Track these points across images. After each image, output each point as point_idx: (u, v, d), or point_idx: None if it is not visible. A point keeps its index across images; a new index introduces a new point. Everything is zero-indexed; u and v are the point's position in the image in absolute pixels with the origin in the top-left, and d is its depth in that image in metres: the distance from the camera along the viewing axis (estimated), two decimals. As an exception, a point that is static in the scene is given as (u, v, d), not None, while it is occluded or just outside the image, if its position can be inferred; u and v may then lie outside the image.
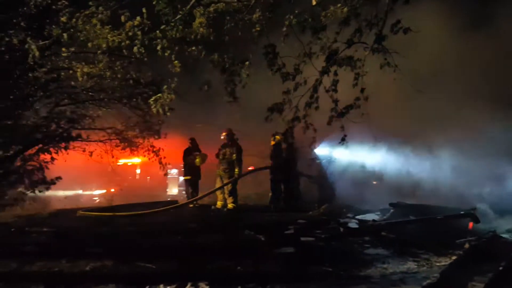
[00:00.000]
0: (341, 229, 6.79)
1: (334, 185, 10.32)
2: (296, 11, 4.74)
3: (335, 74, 4.94)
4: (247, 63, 5.00)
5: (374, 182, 11.11)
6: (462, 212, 6.96)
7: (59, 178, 7.12)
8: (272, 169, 10.32)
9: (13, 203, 6.94)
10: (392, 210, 8.06)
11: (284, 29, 4.79)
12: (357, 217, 7.86)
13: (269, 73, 4.83)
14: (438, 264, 5.11)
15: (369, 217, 7.72)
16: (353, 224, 7.20)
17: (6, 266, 4.96)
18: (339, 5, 4.35)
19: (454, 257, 5.27)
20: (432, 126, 9.80)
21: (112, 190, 14.73)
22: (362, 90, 4.88)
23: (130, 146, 9.31)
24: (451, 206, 7.85)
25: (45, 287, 4.18)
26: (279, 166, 10.00)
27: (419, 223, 6.95)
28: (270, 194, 10.47)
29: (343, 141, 4.99)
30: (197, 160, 10.31)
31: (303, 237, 6.35)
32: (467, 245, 5.64)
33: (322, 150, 10.64)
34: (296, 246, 5.84)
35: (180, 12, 4.84)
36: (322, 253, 5.68)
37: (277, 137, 10.02)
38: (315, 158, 10.65)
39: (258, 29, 4.83)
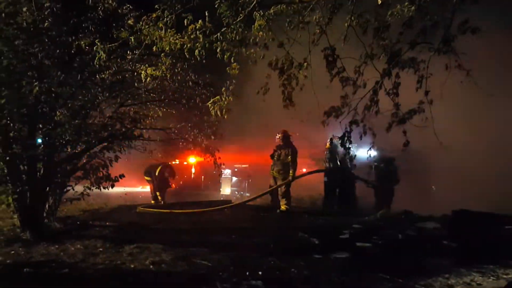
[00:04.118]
0: (400, 236, 6.56)
1: (392, 190, 10.00)
2: (358, 12, 4.67)
3: (397, 76, 4.80)
4: (305, 64, 4.98)
5: (433, 187, 10.67)
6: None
7: (122, 175, 7.46)
8: (326, 173, 10.20)
9: (79, 198, 7.36)
10: (454, 218, 7.65)
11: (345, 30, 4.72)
12: (417, 224, 7.55)
13: (329, 77, 4.76)
14: (505, 276, 4.78)
15: (430, 224, 7.38)
16: (412, 231, 6.92)
17: (73, 257, 5.28)
18: (406, 3, 4.21)
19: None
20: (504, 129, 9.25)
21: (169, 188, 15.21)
22: (426, 93, 4.69)
23: (187, 146, 9.60)
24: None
25: (107, 281, 4.36)
26: (334, 169, 9.86)
27: (484, 232, 6.56)
28: (323, 197, 10.37)
29: (405, 146, 4.81)
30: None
31: (359, 242, 6.20)
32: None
33: (380, 154, 10.35)
34: (351, 251, 5.72)
35: (240, 14, 4.92)
36: (378, 260, 5.50)
37: (331, 139, 9.91)
38: (372, 162, 10.38)
39: (318, 31, 4.79)
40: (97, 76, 7.08)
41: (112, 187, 7.43)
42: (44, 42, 6.26)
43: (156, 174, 11.17)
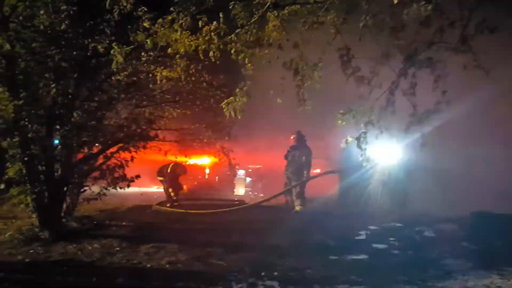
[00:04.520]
0: (417, 238, 6.48)
1: (408, 191, 9.88)
2: (373, 12, 4.61)
3: (414, 76, 4.74)
4: (320, 64, 4.95)
5: (452, 189, 10.47)
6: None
7: (138, 176, 7.54)
8: (340, 173, 10.14)
9: (96, 198, 7.46)
10: (473, 220, 7.52)
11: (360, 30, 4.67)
12: (435, 225, 7.44)
13: (344, 77, 4.72)
14: (526, 279, 4.71)
15: (448, 226, 7.27)
16: (430, 233, 6.83)
17: (90, 256, 5.35)
18: (422, 2, 4.15)
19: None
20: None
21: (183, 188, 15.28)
22: (444, 93, 4.61)
23: (202, 146, 9.64)
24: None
25: (124, 279, 4.40)
26: (348, 170, 9.79)
27: (503, 234, 6.44)
28: (338, 198, 10.30)
29: (423, 146, 4.74)
30: None
31: (375, 243, 6.15)
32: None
33: (395, 154, 10.22)
34: (368, 252, 5.68)
35: (255, 15, 4.92)
36: (396, 261, 5.45)
37: (347, 140, 9.82)
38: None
39: (333, 31, 4.76)
40: (112, 77, 7.17)
41: (128, 187, 7.52)
42: (60, 45, 6.35)
43: (168, 171, 11.23)
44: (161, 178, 11.48)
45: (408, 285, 4.46)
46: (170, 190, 11.31)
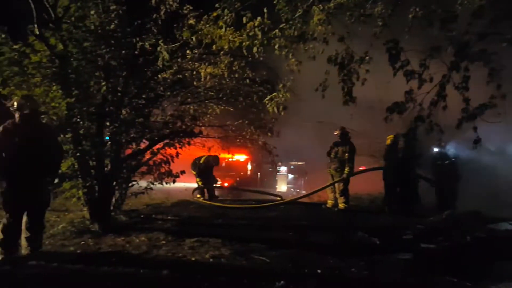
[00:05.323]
0: (468, 238, 6.19)
1: (458, 190, 9.46)
2: (423, 3, 4.44)
3: (466, 69, 4.51)
4: (367, 58, 4.82)
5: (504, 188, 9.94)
6: None
7: (182, 171, 7.71)
8: (384, 170, 9.87)
9: (143, 192, 7.68)
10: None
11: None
12: (487, 225, 7.08)
13: (392, 71, 4.57)
14: None
15: (502, 226, 6.90)
16: (481, 233, 6.50)
17: (137, 249, 5.50)
18: (477, -8, 3.95)
19: None
20: None
21: (226, 184, 15.48)
22: (498, 87, 4.36)
23: (245, 143, 9.71)
24: None
25: (169, 272, 4.48)
26: (393, 167, 9.51)
27: None
28: (383, 196, 10.04)
29: (476, 143, 4.51)
30: None
31: (423, 243, 5.93)
32: None
33: (446, 152, 9.83)
34: (415, 252, 5.48)
35: (299, 10, 4.86)
36: (445, 262, 5.22)
37: (391, 136, 9.56)
38: (438, 160, 9.88)
39: (380, 23, 4.62)
40: (159, 75, 7.34)
41: (173, 183, 7.69)
42: (110, 44, 6.56)
43: (201, 161, 11.35)
44: (195, 172, 11.62)
45: (457, 287, 4.26)
46: (198, 179, 11.42)
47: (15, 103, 4.75)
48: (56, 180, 6.59)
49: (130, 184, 7.74)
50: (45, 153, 4.87)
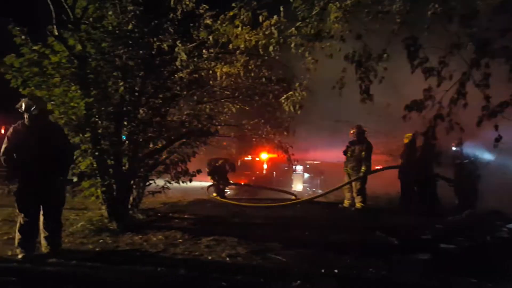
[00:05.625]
0: (488, 238, 6.06)
1: (478, 189, 9.27)
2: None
3: (487, 66, 4.41)
4: (385, 55, 4.76)
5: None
6: None
7: (199, 170, 7.75)
8: (401, 169, 9.74)
9: (160, 191, 7.75)
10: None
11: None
12: (509, 225, 6.93)
13: (410, 69, 4.49)
14: None
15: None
16: (502, 233, 6.36)
17: (155, 247, 5.55)
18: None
19: None
20: None
21: (242, 183, 15.50)
22: (521, 84, 4.25)
23: (260, 142, 9.69)
24: None
25: (186, 271, 4.51)
26: (411, 166, 9.38)
27: None
28: (400, 195, 9.92)
29: (497, 142, 4.41)
30: None
31: (443, 243, 5.83)
32: None
33: (466, 151, 9.64)
34: (434, 253, 5.39)
35: (316, 7, 4.83)
36: (465, 263, 5.13)
37: (409, 134, 9.43)
38: (457, 159, 9.69)
39: (399, 20, 4.55)
40: (175, 75, 7.38)
41: (190, 182, 7.73)
42: (128, 44, 6.62)
43: (218, 164, 11.40)
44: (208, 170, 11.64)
45: (478, 288, 4.18)
46: (210, 177, 11.44)
47: (23, 105, 4.81)
48: (75, 179, 6.71)
49: (147, 183, 7.81)
50: (54, 152, 4.92)
